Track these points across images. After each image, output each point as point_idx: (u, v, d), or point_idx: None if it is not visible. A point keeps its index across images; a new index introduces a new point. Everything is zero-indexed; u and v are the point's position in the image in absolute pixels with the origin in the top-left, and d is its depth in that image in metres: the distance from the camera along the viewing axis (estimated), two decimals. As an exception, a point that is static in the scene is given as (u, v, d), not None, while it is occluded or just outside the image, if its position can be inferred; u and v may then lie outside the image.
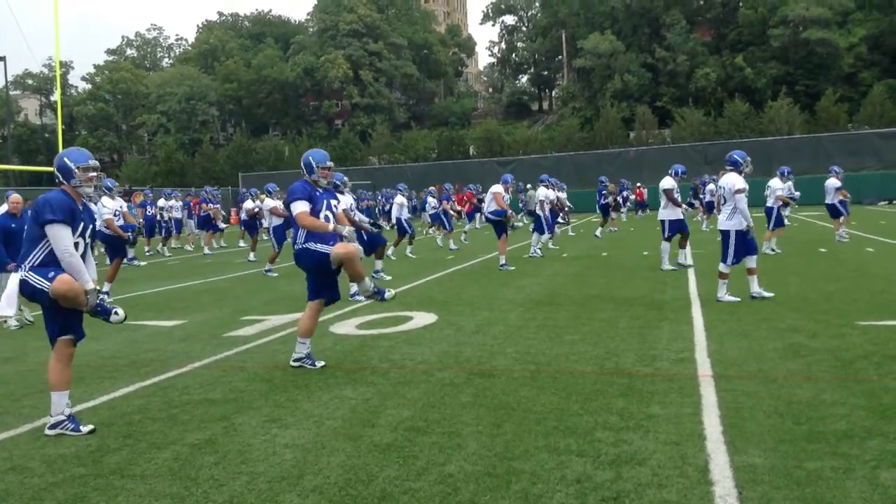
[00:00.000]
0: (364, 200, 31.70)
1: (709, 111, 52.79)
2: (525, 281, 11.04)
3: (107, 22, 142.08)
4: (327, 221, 5.67)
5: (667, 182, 11.66)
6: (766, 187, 13.58)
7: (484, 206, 14.22)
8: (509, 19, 79.90)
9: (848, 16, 54.20)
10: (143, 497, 3.37)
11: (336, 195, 6.14)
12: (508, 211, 12.97)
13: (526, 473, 3.45)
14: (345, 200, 9.64)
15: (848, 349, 5.71)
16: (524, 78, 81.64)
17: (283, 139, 68.70)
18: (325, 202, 5.77)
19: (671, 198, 11.46)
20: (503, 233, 12.98)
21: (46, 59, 70.55)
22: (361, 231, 11.00)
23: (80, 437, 4.26)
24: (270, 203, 14.00)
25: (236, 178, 50.18)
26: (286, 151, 62.28)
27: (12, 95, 68.84)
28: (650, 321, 7.28)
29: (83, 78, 79.32)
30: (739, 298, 8.19)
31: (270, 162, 60.45)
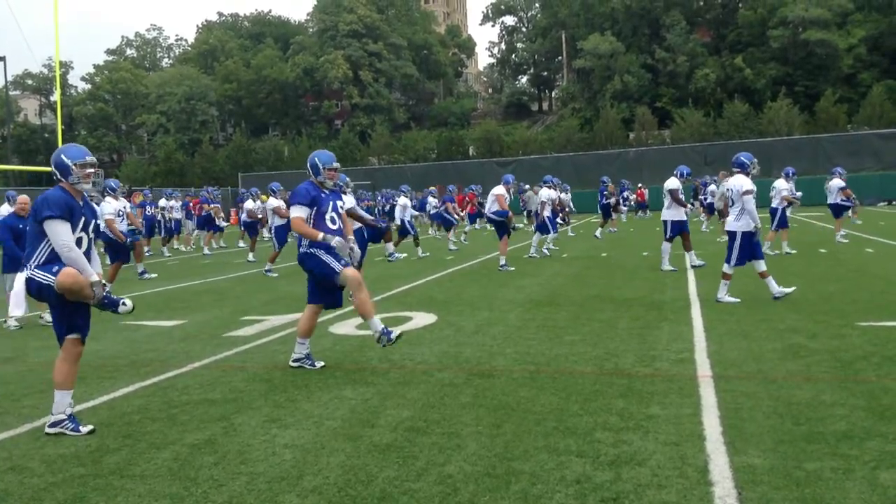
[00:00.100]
0: (364, 201, 31.69)
1: (708, 112, 52.83)
2: (525, 281, 11.04)
3: (107, 22, 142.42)
4: (333, 223, 5.68)
5: (672, 182, 11.67)
6: (771, 188, 13.55)
7: (486, 207, 14.25)
8: (509, 20, 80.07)
9: (847, 17, 54.25)
10: (143, 497, 3.37)
11: (341, 196, 6.12)
12: (510, 213, 13.02)
13: (525, 474, 3.45)
14: (348, 201, 9.65)
15: (847, 350, 5.71)
16: (524, 78, 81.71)
17: (283, 139, 68.75)
18: (332, 204, 5.75)
19: (676, 198, 11.48)
20: (505, 233, 12.99)
21: (46, 59, 70.69)
22: (363, 227, 11.04)
23: (80, 438, 4.25)
24: (274, 202, 13.97)
25: (236, 179, 50.23)
26: (286, 152, 62.33)
27: (12, 95, 68.90)
28: (650, 322, 7.28)
29: (83, 78, 79.45)
30: (739, 300, 8.19)
31: (270, 162, 60.49)
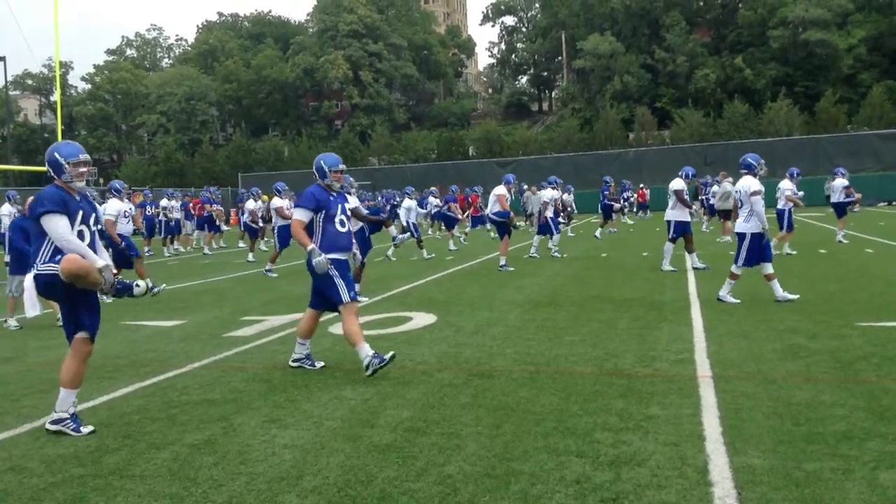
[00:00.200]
0: (364, 201, 31.65)
1: (708, 112, 52.84)
2: (525, 282, 11.04)
3: (107, 22, 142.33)
4: (343, 226, 5.66)
5: (677, 183, 11.69)
6: (777, 189, 13.39)
7: (487, 208, 14.31)
8: (509, 20, 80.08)
9: (847, 17, 54.26)
10: (143, 497, 3.37)
11: (347, 198, 6.10)
12: (511, 213, 13.03)
13: (525, 474, 3.45)
14: (351, 201, 9.68)
15: (847, 350, 5.71)
16: (524, 79, 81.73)
17: (283, 140, 68.76)
18: (340, 207, 5.72)
19: (681, 198, 11.51)
20: (506, 233, 13.00)
21: (46, 60, 70.61)
22: (363, 225, 11.10)
23: (80, 438, 4.25)
24: (277, 202, 13.95)
25: (236, 179, 50.26)
26: (286, 152, 62.35)
27: (12, 95, 68.87)
28: (650, 322, 7.28)
29: (83, 78, 79.44)
30: (739, 301, 8.19)
31: (270, 162, 60.51)
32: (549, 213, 14.88)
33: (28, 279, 4.32)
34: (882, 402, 4.36)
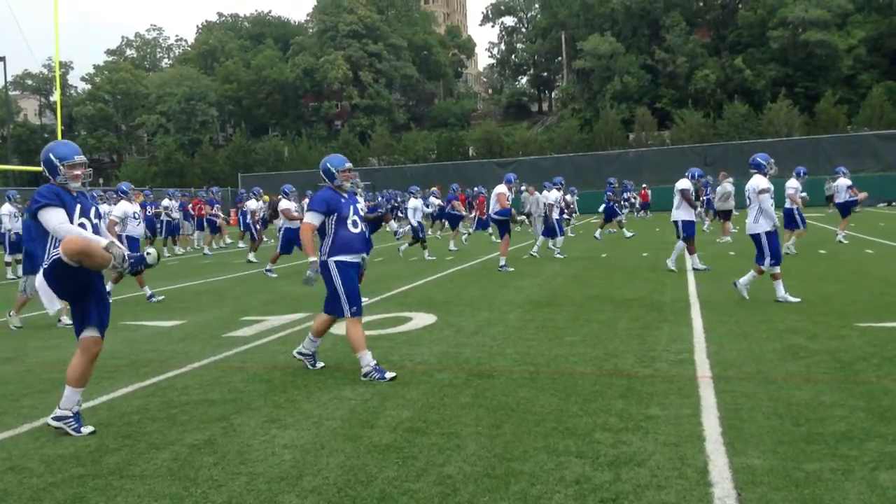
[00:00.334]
0: (367, 201, 31.65)
1: (708, 113, 52.85)
2: (524, 282, 11.04)
3: (107, 22, 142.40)
4: (356, 226, 5.58)
5: (683, 183, 11.70)
6: (787, 188, 13.33)
7: (489, 209, 14.35)
8: (509, 20, 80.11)
9: (847, 18, 54.28)
10: (143, 497, 3.37)
11: (357, 199, 6.00)
12: (512, 210, 13.06)
13: (525, 474, 3.45)
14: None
15: (847, 351, 5.71)
16: (524, 79, 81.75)
17: (283, 140, 68.75)
18: (352, 208, 5.61)
19: (687, 198, 11.53)
20: (506, 233, 13.01)
21: (46, 60, 70.75)
22: (365, 225, 11.14)
23: (80, 438, 4.25)
24: (284, 204, 13.92)
25: (236, 179, 50.28)
26: (286, 152, 62.35)
27: (12, 95, 68.88)
28: (649, 322, 7.28)
29: (83, 78, 79.48)
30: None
31: (270, 163, 60.51)
32: (556, 215, 14.90)
33: (38, 277, 4.29)
34: (882, 403, 4.36)
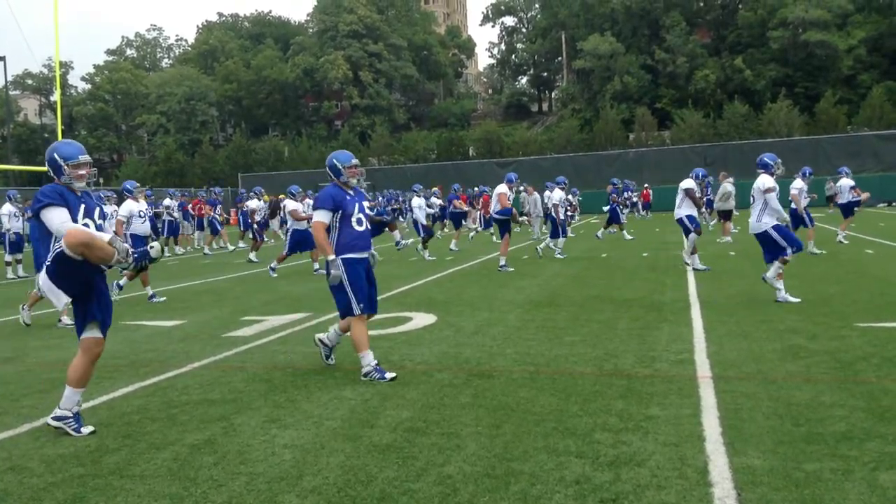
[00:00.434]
0: (369, 202, 31.63)
1: (708, 113, 52.86)
2: (524, 282, 11.04)
3: (107, 22, 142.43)
4: (360, 224, 5.54)
5: (688, 182, 11.89)
6: (792, 188, 13.28)
7: (490, 209, 14.40)
8: (509, 20, 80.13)
9: (847, 18, 54.29)
10: (143, 497, 3.37)
11: (365, 196, 5.95)
12: (513, 210, 13.09)
13: (525, 474, 3.45)
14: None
15: (847, 351, 5.71)
16: (524, 79, 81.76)
17: (283, 140, 68.77)
18: (357, 206, 5.57)
19: (693, 197, 11.69)
20: (507, 232, 13.03)
21: (46, 60, 70.70)
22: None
23: (80, 438, 4.25)
24: (291, 205, 13.91)
25: (236, 179, 50.28)
26: (286, 152, 62.35)
27: (12, 95, 68.86)
28: (649, 322, 7.28)
29: (83, 78, 79.48)
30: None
31: (270, 163, 60.51)
32: (561, 215, 14.94)
33: (42, 275, 4.26)
34: (882, 403, 4.36)
